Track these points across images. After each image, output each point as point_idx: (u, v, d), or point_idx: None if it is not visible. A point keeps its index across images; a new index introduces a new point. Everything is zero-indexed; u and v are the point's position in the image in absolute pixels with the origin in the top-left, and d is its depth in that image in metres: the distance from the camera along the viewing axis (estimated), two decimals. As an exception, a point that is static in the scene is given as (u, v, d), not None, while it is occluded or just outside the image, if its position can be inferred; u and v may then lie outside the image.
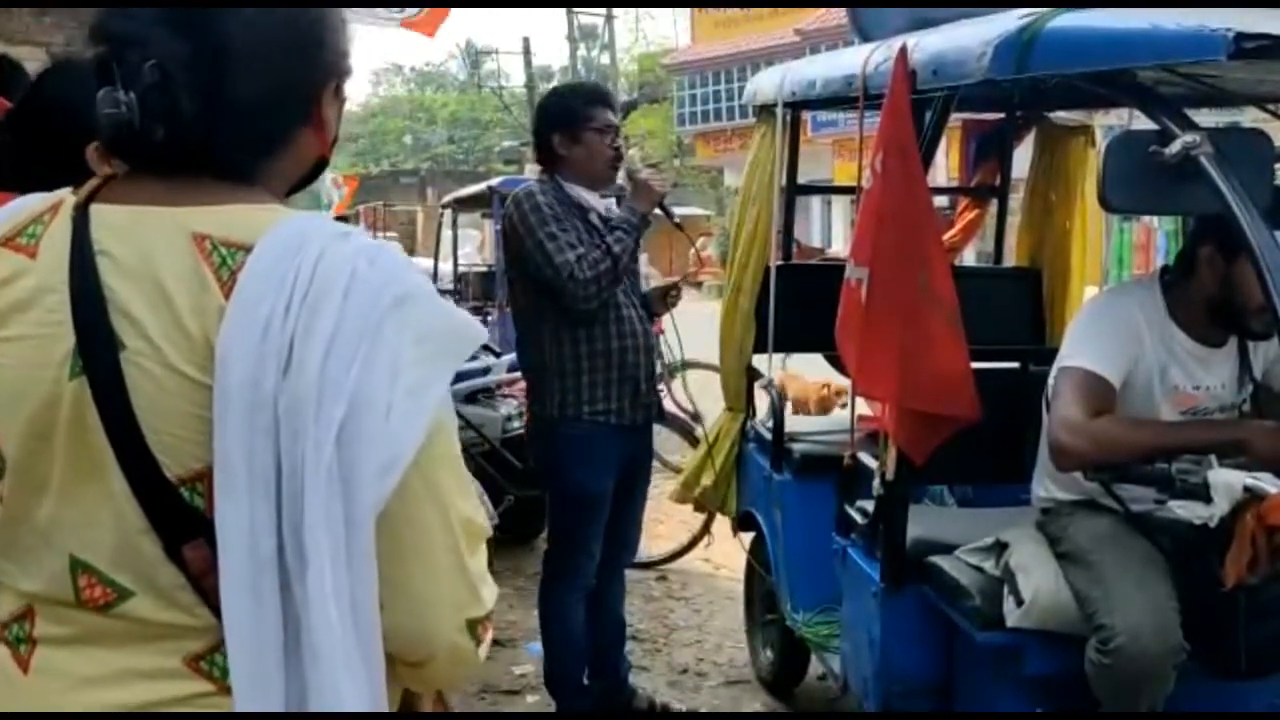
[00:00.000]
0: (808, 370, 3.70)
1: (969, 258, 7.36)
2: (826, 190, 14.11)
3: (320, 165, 1.23)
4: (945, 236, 4.08)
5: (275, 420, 0.99)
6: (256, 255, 1.03)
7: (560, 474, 3.45)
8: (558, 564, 3.56)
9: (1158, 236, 13.07)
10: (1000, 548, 2.74)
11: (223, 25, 1.08)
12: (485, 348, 6.90)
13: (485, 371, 5.97)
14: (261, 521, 1.00)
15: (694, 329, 4.16)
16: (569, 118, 3.40)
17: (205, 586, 1.04)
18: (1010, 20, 2.43)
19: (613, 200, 3.66)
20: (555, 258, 3.23)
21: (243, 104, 1.09)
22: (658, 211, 3.51)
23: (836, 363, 3.44)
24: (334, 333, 1.00)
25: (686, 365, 6.00)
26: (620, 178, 3.66)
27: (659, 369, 3.67)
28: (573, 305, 3.28)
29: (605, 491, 3.47)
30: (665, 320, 3.89)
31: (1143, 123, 2.40)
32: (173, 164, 1.09)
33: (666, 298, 3.75)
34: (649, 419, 3.59)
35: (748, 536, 4.08)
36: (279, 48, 1.12)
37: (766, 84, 3.92)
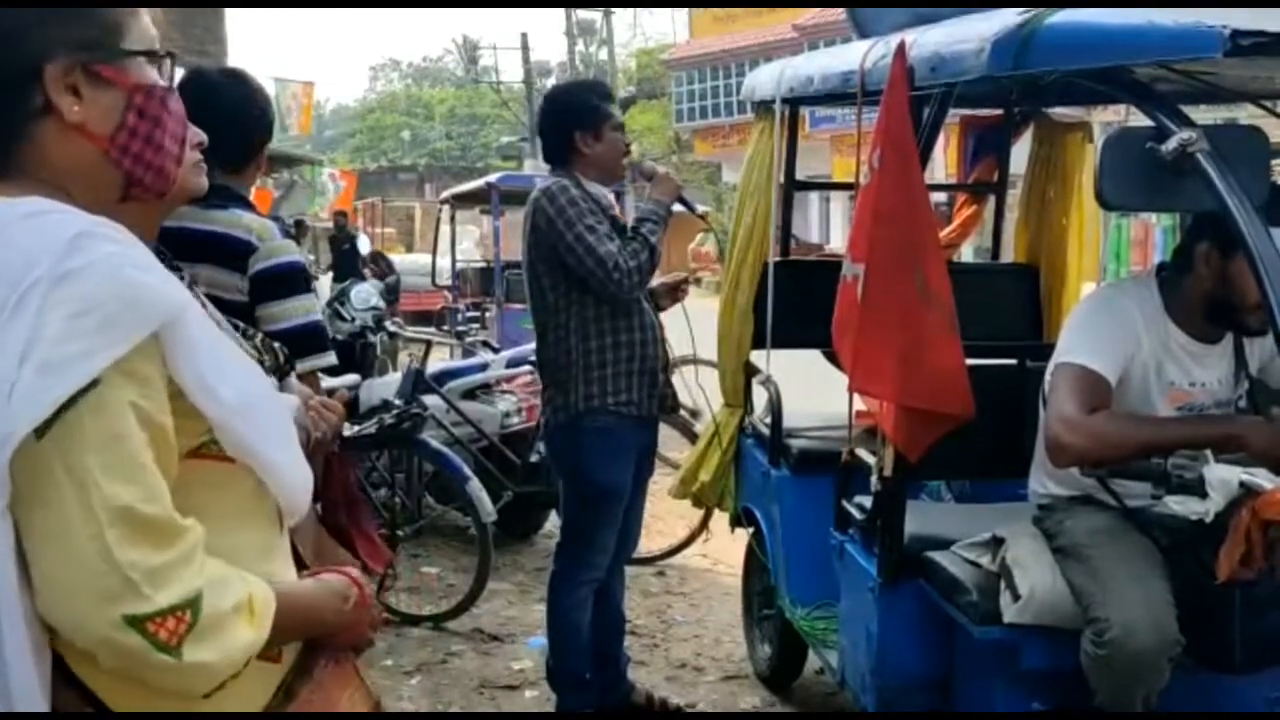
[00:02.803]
0: (803, 366, 3.70)
1: (967, 254, 7.36)
2: (825, 187, 14.17)
3: (113, 164, 1.21)
4: (943, 233, 4.09)
5: None
6: None
7: (583, 468, 3.45)
8: (572, 558, 3.57)
9: (1155, 232, 13.10)
10: (997, 543, 2.75)
11: None
12: (484, 344, 6.91)
13: (484, 367, 5.98)
14: None
15: (692, 324, 4.16)
16: (592, 116, 3.43)
17: None
18: (1008, 17, 2.43)
19: (613, 196, 3.69)
20: (598, 249, 3.26)
21: None
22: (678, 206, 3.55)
23: (834, 359, 3.45)
24: None
25: (685, 361, 6.00)
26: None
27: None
28: (617, 295, 3.32)
29: (625, 485, 3.51)
30: (677, 315, 3.91)
31: (1140, 119, 2.40)
32: None
33: (676, 292, 3.78)
34: (659, 411, 3.62)
35: (745, 532, 4.09)
36: None
37: (765, 80, 3.92)
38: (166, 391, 1.13)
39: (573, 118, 3.44)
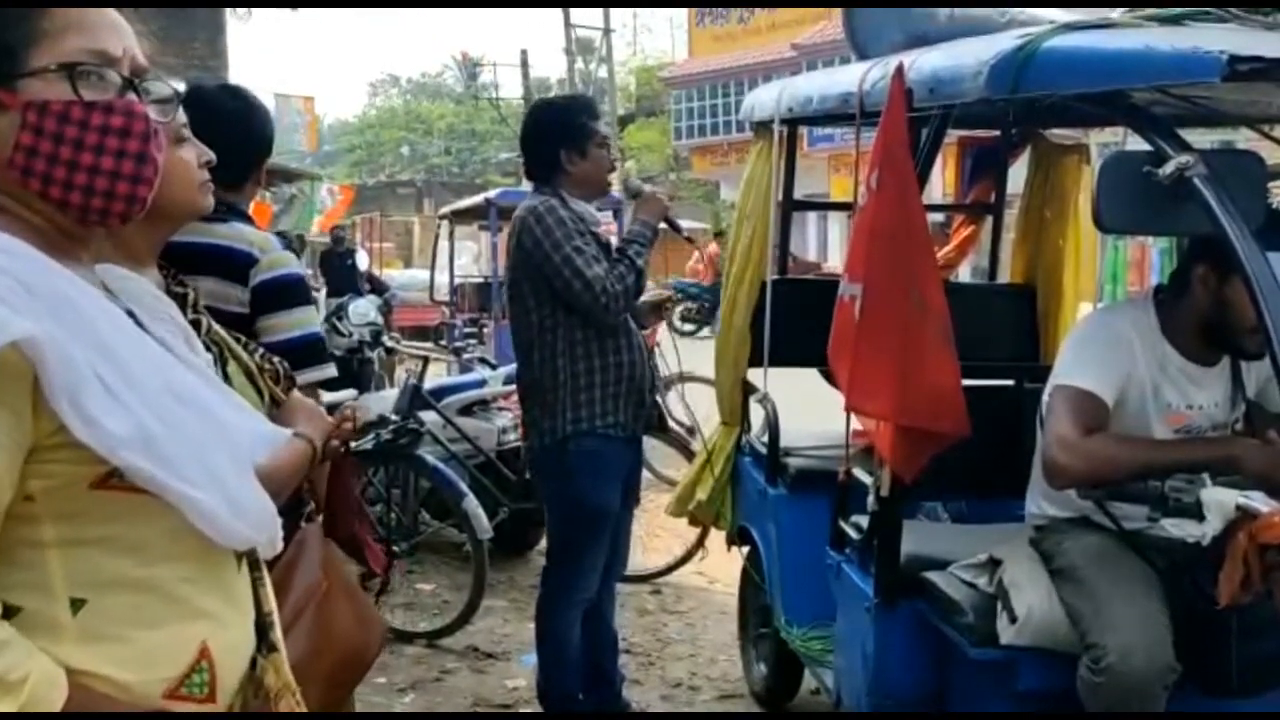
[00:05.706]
0: (800, 384, 3.70)
1: (964, 274, 7.36)
2: (823, 207, 14.16)
3: (20, 186, 1.18)
4: (941, 253, 4.09)
5: None
6: None
7: (571, 490, 3.42)
8: (561, 579, 3.55)
9: (1152, 254, 13.10)
10: (994, 564, 2.75)
11: None
12: (481, 359, 6.91)
13: (481, 383, 5.97)
14: None
15: (688, 342, 4.17)
16: (575, 133, 3.40)
17: None
18: (1006, 40, 2.45)
19: (597, 212, 3.69)
20: (586, 272, 3.24)
21: None
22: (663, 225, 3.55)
23: (831, 378, 3.44)
24: None
25: (683, 378, 5.98)
26: (615, 190, 3.70)
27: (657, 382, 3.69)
28: (603, 318, 3.30)
29: (614, 505, 3.49)
30: (664, 333, 3.92)
31: (1137, 141, 2.41)
32: None
33: (660, 310, 3.77)
34: (647, 430, 3.61)
35: (742, 551, 4.08)
36: None
37: (764, 100, 3.93)
38: (26, 426, 1.09)
39: (557, 135, 3.41)
